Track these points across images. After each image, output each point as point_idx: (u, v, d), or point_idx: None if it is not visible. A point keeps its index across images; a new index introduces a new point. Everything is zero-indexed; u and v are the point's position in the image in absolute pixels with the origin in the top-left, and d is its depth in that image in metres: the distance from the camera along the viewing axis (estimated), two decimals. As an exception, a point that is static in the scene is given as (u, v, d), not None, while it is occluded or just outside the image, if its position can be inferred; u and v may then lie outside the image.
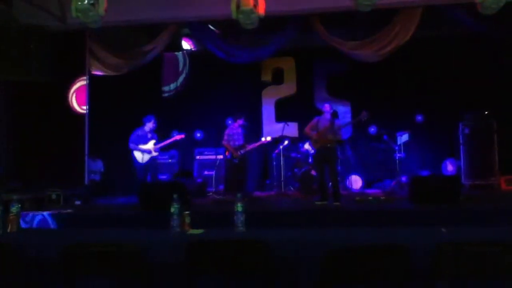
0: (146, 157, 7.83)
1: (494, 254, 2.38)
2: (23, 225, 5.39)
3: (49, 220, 5.98)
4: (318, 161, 7.06)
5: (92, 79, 8.55)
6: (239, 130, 7.93)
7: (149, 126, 7.92)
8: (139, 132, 7.92)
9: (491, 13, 6.11)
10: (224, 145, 7.96)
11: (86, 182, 8.38)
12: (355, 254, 2.43)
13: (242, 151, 7.78)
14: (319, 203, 6.73)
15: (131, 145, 7.84)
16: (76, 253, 2.66)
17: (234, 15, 5.87)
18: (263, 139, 8.30)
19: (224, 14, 6.92)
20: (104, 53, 8.58)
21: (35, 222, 5.93)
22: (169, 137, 8.36)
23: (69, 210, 6.47)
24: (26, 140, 8.47)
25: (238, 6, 5.89)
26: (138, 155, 7.84)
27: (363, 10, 5.89)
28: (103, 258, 2.64)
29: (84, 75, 8.47)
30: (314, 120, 7.08)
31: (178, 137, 8.23)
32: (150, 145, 7.87)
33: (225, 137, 7.94)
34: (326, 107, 7.14)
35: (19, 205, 5.32)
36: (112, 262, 2.64)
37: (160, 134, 8.19)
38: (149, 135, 7.93)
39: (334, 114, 8.40)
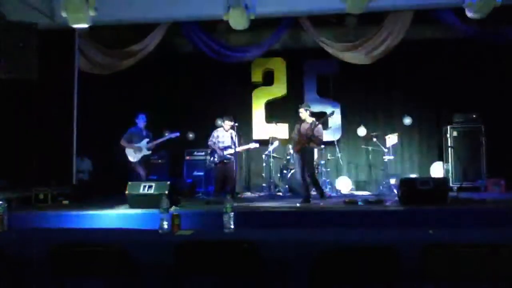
0: (138, 155, 7.86)
1: (481, 255, 2.40)
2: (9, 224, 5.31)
3: (37, 220, 5.92)
4: (298, 163, 7.23)
5: (82, 77, 8.47)
6: (225, 133, 7.97)
7: (142, 124, 7.96)
8: (133, 130, 7.96)
9: (479, 18, 6.21)
10: (210, 146, 8.02)
11: (74, 181, 8.31)
12: (344, 255, 2.44)
13: (226, 153, 7.80)
14: (299, 204, 6.77)
15: (123, 142, 7.86)
16: (63, 253, 2.63)
17: (225, 15, 5.90)
18: (251, 145, 8.27)
19: (216, 15, 6.94)
20: (94, 52, 8.50)
21: (22, 222, 5.85)
22: (160, 137, 8.28)
23: (57, 210, 6.40)
24: (13, 138, 8.36)
25: (229, 7, 5.92)
26: (130, 152, 7.88)
27: (354, 13, 5.94)
28: (90, 258, 2.63)
29: (73, 73, 8.38)
30: (297, 124, 7.30)
31: (172, 135, 8.24)
32: (143, 143, 7.88)
33: (211, 138, 8.00)
34: (302, 114, 7.22)
35: (6, 204, 5.27)
36: (99, 262, 2.62)
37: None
38: (144, 133, 7.96)
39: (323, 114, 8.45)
